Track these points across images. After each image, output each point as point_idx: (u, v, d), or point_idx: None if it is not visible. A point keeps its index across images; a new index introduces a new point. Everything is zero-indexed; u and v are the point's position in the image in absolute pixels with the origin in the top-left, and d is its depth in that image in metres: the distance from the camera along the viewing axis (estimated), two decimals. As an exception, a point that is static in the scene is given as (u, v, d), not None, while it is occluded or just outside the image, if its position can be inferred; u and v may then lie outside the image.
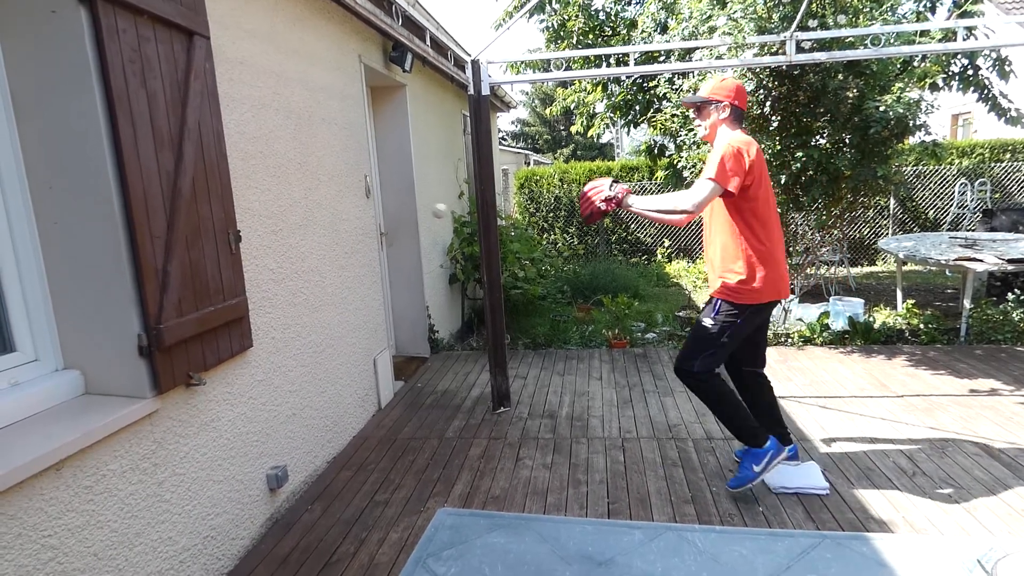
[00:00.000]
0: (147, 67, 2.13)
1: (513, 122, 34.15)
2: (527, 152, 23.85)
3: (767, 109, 5.00)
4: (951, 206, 10.05)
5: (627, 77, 6.19)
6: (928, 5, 5.17)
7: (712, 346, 2.90)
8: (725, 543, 2.53)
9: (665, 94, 5.77)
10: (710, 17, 4.68)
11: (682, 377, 2.99)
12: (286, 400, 3.11)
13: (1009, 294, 5.75)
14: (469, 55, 3.93)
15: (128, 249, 2.06)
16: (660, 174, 6.64)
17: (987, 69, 4.98)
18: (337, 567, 2.58)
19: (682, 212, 2.83)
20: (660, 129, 6.18)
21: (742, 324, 2.88)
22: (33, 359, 2.08)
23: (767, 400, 3.17)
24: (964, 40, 3.78)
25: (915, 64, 4.96)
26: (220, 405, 2.60)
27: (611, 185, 2.93)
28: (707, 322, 2.91)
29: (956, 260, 5.49)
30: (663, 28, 5.76)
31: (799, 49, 3.99)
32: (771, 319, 5.69)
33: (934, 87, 5.12)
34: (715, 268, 2.95)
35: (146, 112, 2.12)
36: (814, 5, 4.52)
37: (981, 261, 5.36)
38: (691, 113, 3.00)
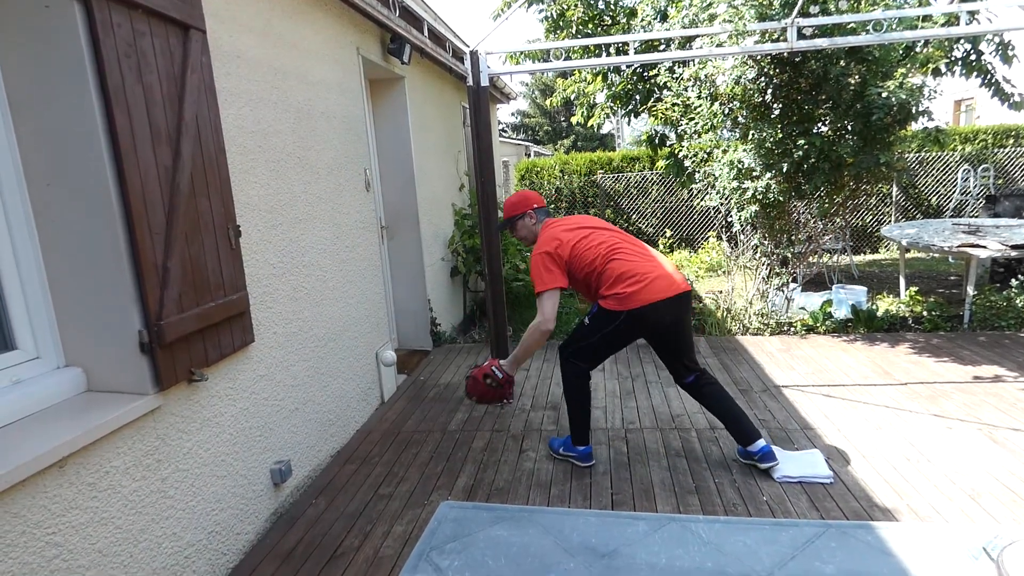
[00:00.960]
0: (143, 62, 2.11)
1: (513, 113, 34.05)
2: (527, 143, 23.77)
3: (768, 97, 4.96)
4: (954, 192, 10.00)
5: (627, 66, 6.15)
6: (930, -11, 5.13)
7: (580, 342, 3.21)
8: (729, 533, 2.53)
9: (666, 83, 5.74)
10: (710, 4, 4.64)
11: (562, 365, 3.26)
12: (289, 395, 3.11)
13: (1013, 280, 5.73)
14: (468, 46, 3.90)
15: (127, 245, 2.05)
16: (661, 163, 6.61)
17: (990, 54, 4.95)
18: (342, 561, 2.59)
19: (544, 331, 3.00)
20: (661, 119, 6.15)
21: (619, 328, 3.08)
22: (35, 357, 2.08)
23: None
24: (967, 24, 3.75)
25: (918, 50, 4.92)
26: (223, 401, 2.60)
27: (484, 378, 3.16)
28: (586, 320, 3.16)
29: (959, 247, 5.47)
30: (663, 16, 5.73)
31: (800, 36, 3.96)
32: (774, 308, 5.69)
33: (937, 73, 5.09)
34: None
35: (143, 107, 2.10)
36: (815, -9, 4.48)
37: (984, 247, 5.34)
38: (510, 232, 3.40)
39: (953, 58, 5.06)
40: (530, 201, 3.33)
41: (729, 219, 5.92)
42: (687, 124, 5.61)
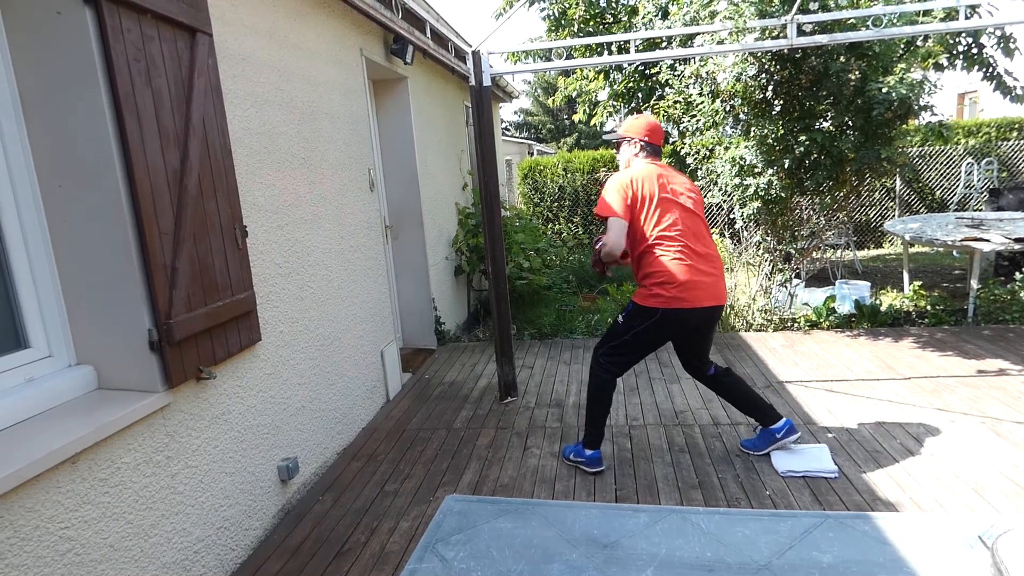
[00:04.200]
0: (152, 65, 2.15)
1: (516, 112, 34.05)
2: (531, 142, 23.80)
3: (769, 93, 4.98)
4: (957, 186, 9.98)
5: (629, 64, 6.17)
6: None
7: (614, 340, 3.14)
8: (729, 524, 2.56)
9: (667, 81, 5.76)
10: (711, 2, 4.66)
11: (593, 368, 3.21)
12: (295, 393, 3.15)
13: (1017, 273, 5.72)
14: (470, 46, 3.93)
15: (137, 246, 2.09)
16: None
17: (991, 47, 4.95)
18: (349, 556, 2.63)
19: (615, 254, 2.95)
20: (663, 116, 6.17)
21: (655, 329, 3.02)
22: (47, 355, 2.12)
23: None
24: (967, 19, 3.75)
25: (918, 44, 4.93)
26: (230, 398, 2.64)
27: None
28: (620, 318, 3.11)
29: (963, 241, 5.47)
30: (664, 14, 5.75)
31: (800, 32, 3.97)
32: (777, 304, 5.70)
33: (938, 67, 5.09)
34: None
35: (152, 110, 2.14)
36: (815, -13, 4.49)
37: (988, 241, 5.34)
38: (614, 150, 3.27)
39: (955, 52, 5.06)
40: (647, 132, 3.15)
41: (732, 216, 5.93)
42: (689, 121, 5.63)
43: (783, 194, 5.14)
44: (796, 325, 5.51)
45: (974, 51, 5.00)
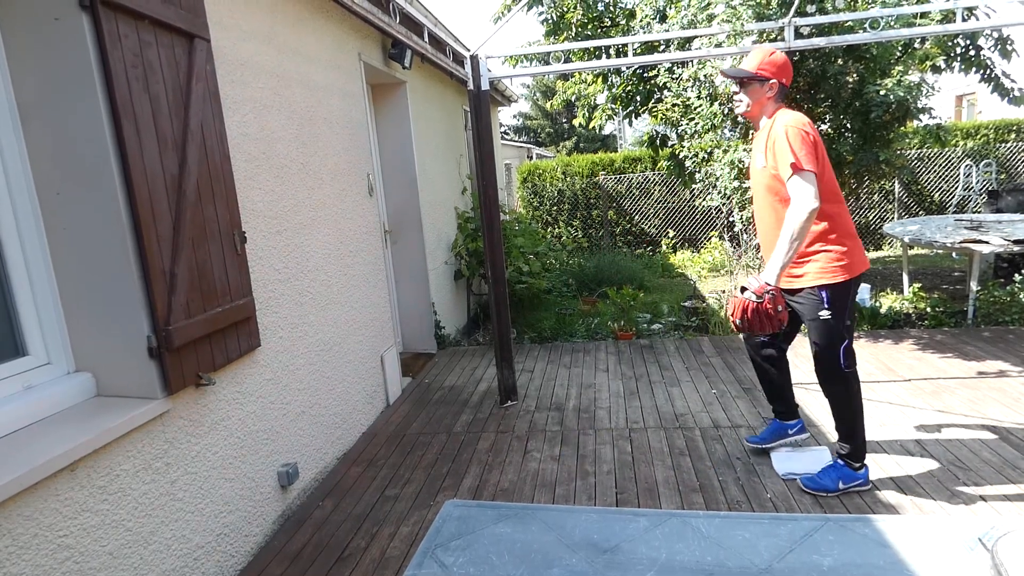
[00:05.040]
0: (149, 71, 2.15)
1: (515, 116, 34.11)
2: (530, 146, 23.83)
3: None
4: (956, 188, 9.98)
5: (627, 68, 6.17)
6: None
7: (843, 337, 2.73)
8: (729, 528, 2.56)
9: (665, 84, 5.76)
10: (708, 4, 4.66)
11: (835, 384, 2.81)
12: (295, 398, 3.15)
13: (1016, 275, 5.73)
14: (468, 50, 3.94)
15: (135, 252, 2.09)
16: (662, 164, 6.64)
17: (989, 49, 4.95)
18: (349, 562, 2.62)
19: (812, 209, 2.48)
20: (661, 119, 6.17)
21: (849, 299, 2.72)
22: (46, 362, 2.12)
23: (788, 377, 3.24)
24: (964, 21, 3.76)
25: (916, 46, 4.93)
26: (230, 404, 2.63)
27: (752, 293, 2.55)
28: (824, 315, 2.70)
29: (962, 242, 5.47)
30: (662, 17, 5.75)
31: (798, 35, 3.98)
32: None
33: (936, 69, 5.09)
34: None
35: (149, 116, 2.14)
36: (812, -10, 4.50)
37: (987, 243, 5.34)
38: (733, 87, 2.85)
39: (952, 54, 5.06)
40: (784, 71, 2.75)
41: (731, 219, 5.93)
42: (687, 124, 5.63)
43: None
44: (796, 327, 5.50)
45: (972, 53, 5.00)
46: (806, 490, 2.85)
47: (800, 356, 4.79)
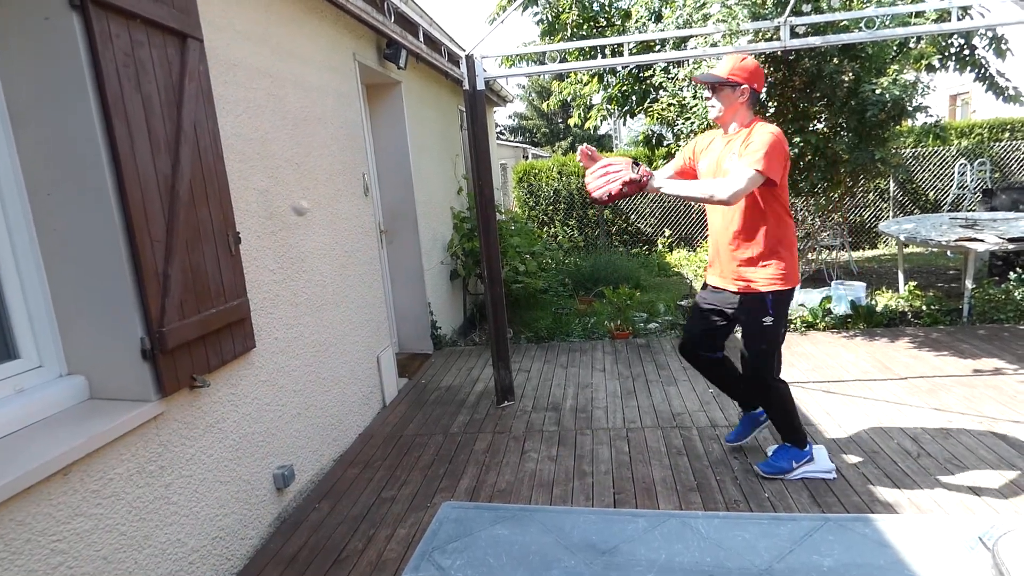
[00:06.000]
0: (141, 71, 2.13)
1: (511, 116, 34.07)
2: (525, 146, 23.80)
3: (763, 95, 4.98)
4: (951, 187, 10.01)
5: (623, 68, 6.17)
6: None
7: (778, 343, 2.90)
8: (728, 528, 2.55)
9: (661, 83, 5.76)
10: (704, 4, 4.66)
11: (764, 391, 2.99)
12: (291, 400, 3.13)
13: (1011, 273, 5.74)
14: (463, 50, 3.92)
15: (128, 253, 2.07)
16: (659, 164, 6.62)
17: (983, 48, 4.96)
18: (346, 564, 2.60)
19: (716, 202, 2.64)
20: (657, 119, 6.17)
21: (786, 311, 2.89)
22: (37, 365, 2.09)
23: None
24: (959, 20, 3.77)
25: (911, 46, 4.94)
26: (225, 406, 2.61)
27: (632, 167, 2.63)
28: (767, 321, 2.82)
29: (957, 241, 5.48)
30: (658, 17, 5.75)
31: (793, 34, 3.97)
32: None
33: (931, 68, 5.11)
34: (739, 259, 2.85)
35: (142, 116, 2.12)
36: (808, -11, 4.50)
37: (982, 241, 5.35)
38: (705, 92, 2.91)
39: (947, 53, 5.08)
40: (756, 78, 2.78)
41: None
42: (683, 124, 5.63)
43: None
44: (792, 326, 5.51)
45: (966, 52, 5.02)
46: (765, 475, 3.02)
47: (798, 356, 4.79)
